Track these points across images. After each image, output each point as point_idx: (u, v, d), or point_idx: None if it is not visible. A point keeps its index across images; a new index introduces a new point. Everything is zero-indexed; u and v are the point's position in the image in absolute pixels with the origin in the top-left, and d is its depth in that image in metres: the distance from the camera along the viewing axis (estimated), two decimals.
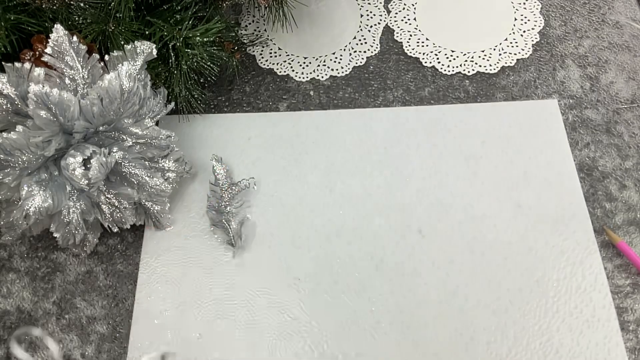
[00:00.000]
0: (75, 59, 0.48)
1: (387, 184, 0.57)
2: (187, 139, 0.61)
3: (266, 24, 0.70)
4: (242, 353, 0.50)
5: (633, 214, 0.55)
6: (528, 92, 0.63)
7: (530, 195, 0.56)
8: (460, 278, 0.52)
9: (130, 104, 0.48)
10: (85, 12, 0.54)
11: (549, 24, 0.68)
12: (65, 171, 0.46)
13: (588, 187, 0.57)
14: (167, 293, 0.53)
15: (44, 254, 0.55)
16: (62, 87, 0.47)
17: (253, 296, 0.52)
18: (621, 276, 0.52)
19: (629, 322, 0.50)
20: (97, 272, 0.54)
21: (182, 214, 0.57)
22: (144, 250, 0.55)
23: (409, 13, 0.69)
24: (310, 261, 0.54)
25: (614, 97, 0.62)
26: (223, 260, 0.54)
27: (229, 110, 0.63)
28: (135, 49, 0.49)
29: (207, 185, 0.58)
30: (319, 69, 0.65)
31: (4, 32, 0.50)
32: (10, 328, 0.52)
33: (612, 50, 0.65)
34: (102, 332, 0.51)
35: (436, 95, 0.63)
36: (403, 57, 0.66)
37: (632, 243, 0.54)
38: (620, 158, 0.58)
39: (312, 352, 0.49)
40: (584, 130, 0.60)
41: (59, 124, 0.45)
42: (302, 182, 0.58)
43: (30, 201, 0.46)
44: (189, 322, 0.51)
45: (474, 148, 0.59)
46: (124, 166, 0.50)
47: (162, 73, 0.57)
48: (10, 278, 0.54)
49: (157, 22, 0.55)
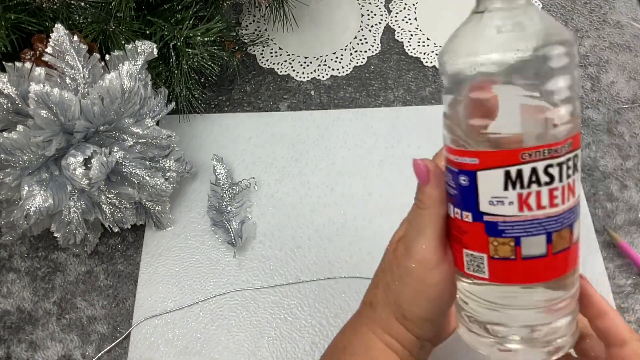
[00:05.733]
0: (75, 59, 0.48)
1: (388, 184, 0.57)
2: (188, 139, 0.61)
3: (267, 23, 0.69)
4: (243, 353, 0.50)
5: (634, 214, 0.55)
6: None
7: None
8: None
9: (131, 103, 0.48)
10: (86, 11, 0.54)
11: None
12: (66, 171, 0.46)
13: (589, 187, 0.56)
14: (168, 293, 0.52)
15: (45, 253, 0.55)
16: (63, 86, 0.47)
17: (254, 296, 0.52)
18: (622, 276, 0.52)
19: (630, 322, 0.50)
20: (98, 272, 0.54)
21: (183, 214, 0.57)
22: (144, 250, 0.55)
23: (410, 13, 0.69)
24: (311, 261, 0.53)
25: (615, 97, 0.62)
26: (224, 260, 0.54)
27: (230, 110, 0.63)
28: (136, 48, 0.49)
29: (208, 185, 0.58)
30: (320, 69, 0.65)
31: (5, 32, 0.50)
32: (11, 328, 0.52)
33: (613, 50, 0.65)
34: (102, 332, 0.51)
35: (437, 95, 0.63)
36: (404, 57, 0.66)
37: (633, 243, 0.53)
38: (622, 158, 0.58)
39: (313, 352, 0.49)
40: (584, 130, 0.60)
41: (60, 123, 0.45)
42: (303, 182, 0.58)
43: (31, 201, 0.46)
44: (190, 322, 0.51)
45: None
46: (125, 166, 0.50)
47: (162, 73, 0.57)
48: (10, 278, 0.54)
49: (158, 21, 0.55)
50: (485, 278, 0.32)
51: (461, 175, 0.31)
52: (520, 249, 0.30)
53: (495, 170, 0.30)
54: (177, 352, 0.50)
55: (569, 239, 0.31)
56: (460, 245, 0.33)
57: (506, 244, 0.31)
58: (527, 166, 0.29)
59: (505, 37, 0.29)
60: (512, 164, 0.29)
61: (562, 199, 0.30)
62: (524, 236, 0.30)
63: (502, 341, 0.32)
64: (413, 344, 0.37)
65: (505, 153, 0.29)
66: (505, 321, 0.32)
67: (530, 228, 0.30)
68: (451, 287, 0.35)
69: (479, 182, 0.31)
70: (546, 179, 0.29)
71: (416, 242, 0.35)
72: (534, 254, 0.30)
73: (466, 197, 0.31)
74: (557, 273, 0.31)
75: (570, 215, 0.31)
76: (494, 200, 0.30)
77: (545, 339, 0.31)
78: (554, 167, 0.29)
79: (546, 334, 0.31)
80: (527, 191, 0.29)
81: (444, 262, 0.34)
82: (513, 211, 0.30)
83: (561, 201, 0.30)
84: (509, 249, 0.31)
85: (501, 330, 0.32)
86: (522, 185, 0.29)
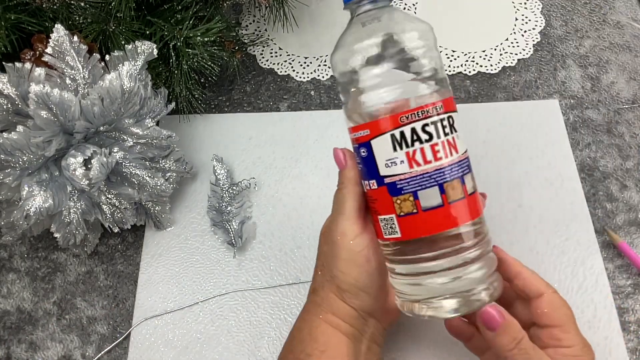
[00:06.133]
0: (75, 59, 0.48)
1: None
2: (188, 139, 0.61)
3: (267, 23, 0.69)
4: (243, 353, 0.50)
5: (634, 214, 0.55)
6: (529, 92, 0.63)
7: (532, 195, 0.56)
8: None
9: (131, 104, 0.48)
10: (86, 11, 0.54)
11: (550, 24, 0.68)
12: (66, 171, 0.46)
13: (589, 187, 0.56)
14: (168, 293, 0.52)
15: (45, 254, 0.55)
16: (63, 87, 0.47)
17: (254, 296, 0.52)
18: (622, 277, 0.52)
19: (630, 322, 0.50)
20: (98, 272, 0.54)
21: (183, 214, 0.57)
22: (144, 251, 0.55)
23: (410, 13, 0.69)
24: (311, 261, 0.53)
25: (615, 97, 0.62)
26: (224, 260, 0.54)
27: (230, 110, 0.63)
28: (136, 48, 0.49)
29: (208, 185, 0.58)
30: (320, 69, 0.65)
31: (5, 32, 0.50)
32: (11, 328, 0.52)
33: (613, 51, 0.65)
34: (102, 332, 0.51)
35: None
36: None
37: (633, 243, 0.53)
38: (621, 158, 0.58)
39: None
40: (585, 131, 0.60)
41: (60, 124, 0.45)
42: (303, 182, 0.58)
43: (31, 201, 0.46)
44: (190, 322, 0.51)
45: (475, 148, 0.58)
46: (125, 166, 0.50)
47: (162, 73, 0.57)
48: (10, 278, 0.54)
49: (158, 21, 0.55)
50: (399, 237, 0.37)
51: (361, 148, 0.37)
52: (420, 202, 0.35)
53: (383, 135, 0.36)
54: (177, 352, 0.50)
55: (462, 190, 0.36)
56: (376, 214, 0.38)
57: (407, 199, 0.36)
58: (407, 127, 0.35)
59: (371, 27, 0.37)
60: (395, 127, 0.35)
61: (444, 153, 0.36)
62: (419, 189, 0.35)
63: (428, 302, 0.36)
64: (354, 317, 0.40)
65: (388, 119, 0.35)
66: (427, 283, 0.36)
67: (422, 182, 0.35)
68: (377, 254, 0.39)
69: (374, 150, 0.36)
70: (425, 136, 0.35)
71: (339, 218, 0.39)
72: (432, 205, 0.35)
73: (368, 166, 0.37)
74: (457, 222, 0.36)
75: (458, 168, 0.36)
76: (388, 163, 0.36)
77: (466, 290, 0.36)
78: (429, 125, 0.35)
79: (465, 285, 0.36)
80: (413, 149, 0.35)
81: (365, 232, 0.39)
82: (405, 169, 0.35)
83: (444, 155, 0.36)
84: (410, 204, 0.36)
85: (425, 292, 0.36)
86: (407, 145, 0.35)
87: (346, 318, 0.40)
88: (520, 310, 0.40)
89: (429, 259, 0.36)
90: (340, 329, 0.39)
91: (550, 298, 0.38)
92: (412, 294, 0.37)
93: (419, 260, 0.36)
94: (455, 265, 0.35)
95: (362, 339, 0.40)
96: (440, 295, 0.36)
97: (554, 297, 0.38)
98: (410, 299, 0.37)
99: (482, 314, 0.36)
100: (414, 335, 0.49)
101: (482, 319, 0.37)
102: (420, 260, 0.36)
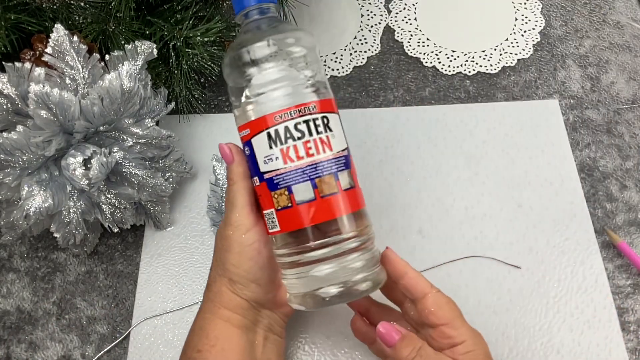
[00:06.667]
0: (75, 59, 0.48)
1: (387, 184, 0.57)
2: (188, 139, 0.61)
3: None
4: None
5: (634, 214, 0.55)
6: (529, 92, 0.63)
7: (531, 195, 0.56)
8: (461, 278, 0.52)
9: (131, 104, 0.48)
10: (86, 11, 0.54)
11: (549, 24, 0.68)
12: (66, 171, 0.46)
13: (589, 187, 0.56)
14: (168, 293, 0.53)
15: (44, 254, 0.55)
16: (63, 87, 0.47)
17: None
18: (622, 277, 0.52)
19: (630, 322, 0.50)
20: (97, 272, 0.54)
21: (183, 214, 0.57)
22: (144, 251, 0.55)
23: (410, 13, 0.69)
24: None
25: (615, 98, 0.62)
26: None
27: (230, 110, 0.63)
28: (136, 48, 0.49)
29: (208, 185, 0.58)
30: None
31: (4, 32, 0.50)
32: (10, 328, 0.52)
33: (612, 51, 0.65)
34: (102, 332, 0.51)
35: (437, 95, 0.63)
36: (404, 57, 0.66)
37: (632, 244, 0.53)
38: (621, 158, 0.58)
39: (312, 352, 0.49)
40: (584, 131, 0.60)
41: (60, 123, 0.45)
42: None
43: (31, 201, 0.46)
44: (190, 322, 0.51)
45: (475, 148, 0.59)
46: (125, 166, 0.50)
47: (162, 73, 0.57)
48: (10, 278, 0.54)
49: (158, 21, 0.55)
50: (279, 230, 0.38)
51: (245, 146, 0.40)
52: (294, 196, 0.37)
53: (260, 134, 0.38)
54: (177, 352, 0.50)
55: (336, 186, 0.38)
56: (262, 210, 0.40)
57: (283, 194, 0.38)
58: (281, 125, 0.37)
59: (255, 33, 0.40)
60: (270, 126, 0.38)
61: (316, 150, 0.38)
62: (293, 184, 0.37)
63: (312, 294, 0.38)
64: (245, 308, 0.41)
65: (264, 118, 0.38)
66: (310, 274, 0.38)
67: (296, 177, 0.37)
68: (267, 247, 0.40)
69: (254, 148, 0.39)
70: (298, 134, 0.37)
71: (231, 213, 0.40)
72: (305, 199, 0.37)
73: (252, 163, 0.39)
74: (329, 214, 0.38)
75: (331, 165, 0.38)
76: (266, 159, 0.38)
77: (346, 280, 0.37)
78: (301, 124, 0.38)
79: (346, 274, 0.37)
80: (286, 146, 0.37)
81: (256, 226, 0.40)
82: (280, 165, 0.38)
83: (316, 152, 0.38)
84: (286, 198, 0.38)
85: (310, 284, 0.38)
86: (281, 142, 0.37)
87: (238, 310, 0.41)
88: (411, 310, 0.41)
89: (310, 249, 0.38)
90: (231, 322, 0.40)
91: (435, 297, 0.39)
92: (298, 286, 0.39)
93: (300, 251, 0.38)
94: (333, 255, 0.37)
95: (255, 329, 0.41)
96: (321, 286, 0.38)
97: (438, 295, 0.39)
98: (297, 292, 0.39)
99: (378, 333, 0.38)
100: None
101: (380, 337, 0.38)
102: (302, 251, 0.38)
